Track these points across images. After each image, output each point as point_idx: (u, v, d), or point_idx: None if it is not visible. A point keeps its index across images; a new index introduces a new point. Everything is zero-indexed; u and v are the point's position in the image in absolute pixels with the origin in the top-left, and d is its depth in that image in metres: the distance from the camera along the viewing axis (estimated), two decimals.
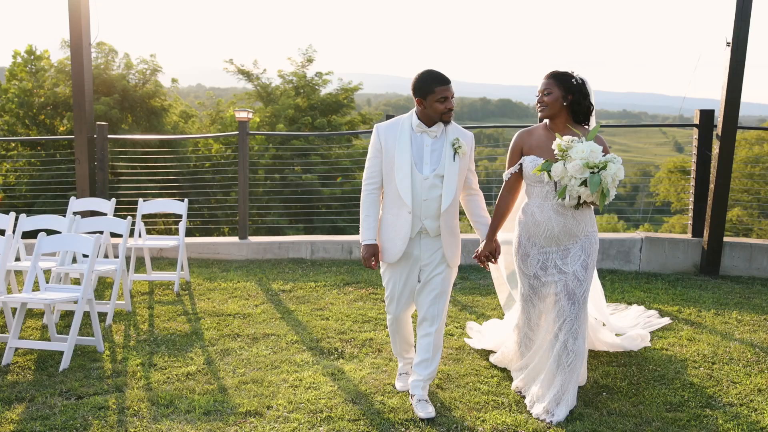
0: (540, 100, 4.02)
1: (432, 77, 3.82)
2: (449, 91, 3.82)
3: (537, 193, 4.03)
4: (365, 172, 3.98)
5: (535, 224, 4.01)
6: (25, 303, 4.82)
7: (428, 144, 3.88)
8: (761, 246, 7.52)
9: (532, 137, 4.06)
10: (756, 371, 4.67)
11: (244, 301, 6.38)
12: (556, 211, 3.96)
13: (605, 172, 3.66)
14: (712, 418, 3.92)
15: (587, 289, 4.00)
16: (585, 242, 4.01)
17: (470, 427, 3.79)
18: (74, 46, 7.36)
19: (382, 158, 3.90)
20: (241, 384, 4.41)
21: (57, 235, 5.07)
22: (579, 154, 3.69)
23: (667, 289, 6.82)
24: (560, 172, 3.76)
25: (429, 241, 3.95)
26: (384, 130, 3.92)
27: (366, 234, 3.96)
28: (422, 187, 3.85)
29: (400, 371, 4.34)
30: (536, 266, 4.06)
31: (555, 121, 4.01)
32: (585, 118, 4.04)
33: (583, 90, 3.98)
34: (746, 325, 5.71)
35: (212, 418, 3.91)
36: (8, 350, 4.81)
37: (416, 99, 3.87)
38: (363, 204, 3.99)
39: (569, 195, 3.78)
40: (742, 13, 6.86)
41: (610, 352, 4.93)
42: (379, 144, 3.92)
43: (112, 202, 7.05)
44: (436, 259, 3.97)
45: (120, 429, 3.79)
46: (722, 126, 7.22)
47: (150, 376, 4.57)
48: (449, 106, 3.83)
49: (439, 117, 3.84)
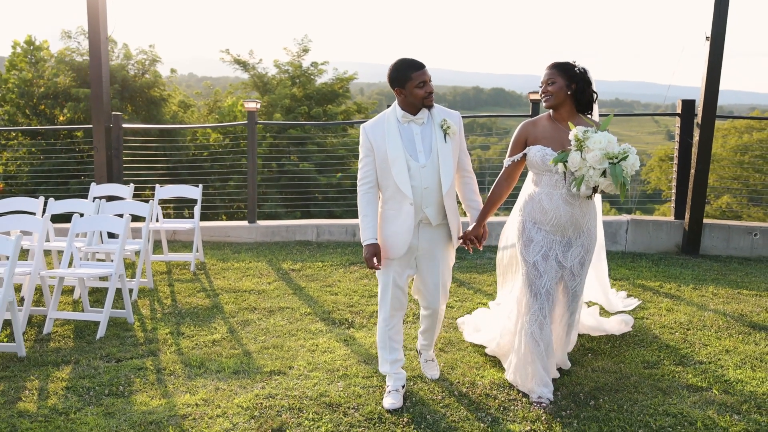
0: (544, 90, 4.02)
1: (406, 65, 3.79)
2: (426, 75, 3.78)
3: (546, 181, 4.00)
4: (359, 173, 3.94)
5: (543, 212, 4.00)
6: (63, 277, 5.28)
7: (417, 132, 3.86)
8: (738, 227, 8.05)
9: (537, 128, 4.07)
10: (726, 336, 5.19)
11: (257, 279, 6.85)
12: (565, 200, 3.94)
13: (625, 163, 3.63)
14: (684, 373, 4.43)
15: (581, 282, 4.11)
16: (586, 239, 4.06)
17: (470, 381, 4.28)
18: (92, 39, 7.78)
19: (374, 157, 3.86)
20: (263, 349, 4.90)
21: (91, 216, 5.53)
22: (597, 145, 3.65)
23: (651, 267, 7.34)
24: (578, 162, 3.71)
25: (428, 230, 3.95)
26: (371, 129, 3.89)
27: (366, 234, 3.89)
28: (420, 176, 3.83)
29: (389, 388, 4.06)
30: (538, 254, 4.03)
31: (559, 111, 4.02)
32: (588, 107, 4.06)
33: (586, 78, 3.99)
34: (721, 298, 6.23)
35: (241, 377, 4.39)
36: (48, 321, 5.28)
37: (395, 90, 3.83)
38: (360, 204, 3.93)
39: (585, 185, 3.73)
40: (720, 10, 7.34)
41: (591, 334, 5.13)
42: (368, 143, 3.87)
43: (131, 188, 7.50)
44: (435, 246, 3.98)
45: (160, 386, 4.27)
46: (702, 115, 7.71)
47: (179, 342, 5.05)
48: (429, 90, 3.79)
49: (421, 103, 3.81)
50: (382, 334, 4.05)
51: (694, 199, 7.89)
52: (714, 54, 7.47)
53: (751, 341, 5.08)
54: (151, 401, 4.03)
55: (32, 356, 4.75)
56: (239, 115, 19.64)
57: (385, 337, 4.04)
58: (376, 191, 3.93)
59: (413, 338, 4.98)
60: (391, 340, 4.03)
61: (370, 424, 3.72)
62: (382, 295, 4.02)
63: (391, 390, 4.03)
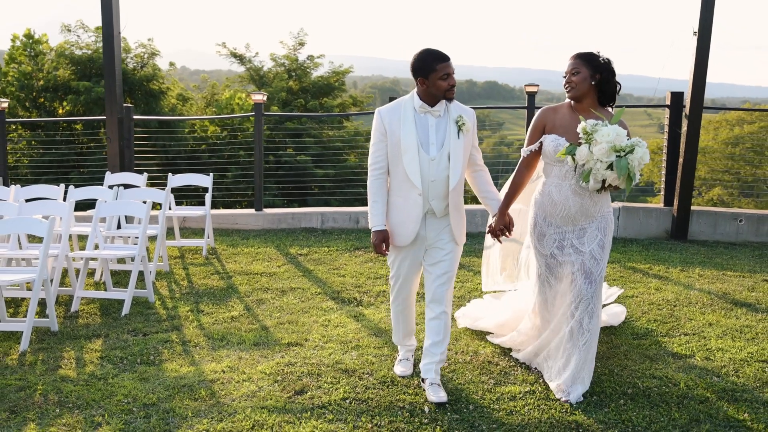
0: (568, 80, 3.94)
1: (432, 56, 3.80)
2: (450, 68, 3.80)
3: (556, 172, 3.98)
4: (370, 158, 3.94)
5: (552, 204, 3.99)
6: (89, 259, 5.61)
7: (432, 124, 3.87)
8: (724, 213, 8.45)
9: (557, 115, 4.01)
10: (709, 311, 5.58)
11: (267, 262, 7.20)
12: (574, 191, 3.92)
13: (632, 156, 3.63)
14: (670, 343, 4.82)
15: (603, 268, 3.99)
16: (602, 222, 3.99)
17: (473, 351, 4.65)
18: (106, 35, 8.08)
19: (387, 142, 3.87)
20: (278, 324, 5.25)
21: (114, 201, 5.87)
22: (605, 138, 3.64)
23: (641, 252, 7.72)
24: (585, 155, 3.70)
25: (435, 221, 3.96)
26: (387, 113, 3.89)
27: (375, 220, 3.92)
28: (430, 167, 3.85)
29: (400, 357, 4.32)
30: (553, 246, 4.02)
31: (582, 103, 3.96)
32: (611, 98, 3.98)
33: (610, 68, 3.91)
34: (706, 279, 6.62)
35: (261, 348, 4.75)
36: (75, 299, 5.62)
37: (418, 79, 3.83)
38: (370, 189, 3.94)
39: (593, 179, 3.74)
40: (707, 5, 7.71)
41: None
42: (382, 128, 3.88)
43: (144, 176, 7.83)
44: (443, 239, 3.98)
45: (187, 356, 4.62)
46: (689, 107, 8.09)
47: (200, 319, 5.40)
48: (452, 83, 3.82)
49: (442, 94, 3.83)
50: (395, 313, 4.24)
51: (682, 187, 8.27)
52: (701, 48, 7.85)
53: (733, 316, 5.47)
54: (180, 368, 4.38)
55: (64, 331, 5.09)
56: (236, 108, 19.94)
57: (398, 314, 4.22)
58: (387, 177, 3.96)
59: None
60: (403, 314, 4.21)
61: (383, 387, 4.08)
62: (394, 284, 4.13)
63: (402, 359, 4.29)
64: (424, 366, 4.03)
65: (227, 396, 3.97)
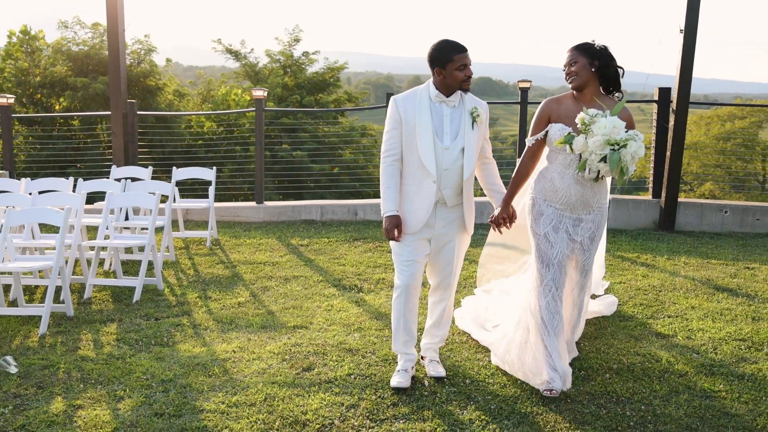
0: (568, 72, 4.01)
1: (450, 46, 3.85)
2: (467, 59, 3.85)
3: (560, 160, 4.01)
4: (384, 145, 3.97)
5: (554, 190, 4.03)
6: (100, 248, 5.86)
7: (447, 114, 3.91)
8: (710, 205, 8.76)
9: (561, 106, 4.07)
10: (693, 296, 5.88)
11: (269, 252, 7.46)
12: (577, 180, 3.96)
13: (625, 150, 3.66)
14: (654, 324, 5.11)
15: (591, 256, 4.12)
16: (597, 215, 4.08)
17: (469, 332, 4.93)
18: (110, 31, 8.32)
19: (402, 130, 3.91)
20: (284, 309, 5.52)
21: (123, 193, 6.12)
22: (601, 130, 3.67)
23: (630, 241, 8.02)
24: (581, 146, 3.76)
25: (444, 211, 3.99)
26: (402, 101, 3.93)
27: (388, 205, 3.92)
28: (443, 157, 3.89)
29: (399, 368, 4.11)
30: (548, 226, 4.05)
31: (584, 92, 4.01)
32: (615, 84, 4.03)
33: (607, 53, 3.96)
34: (691, 266, 6.92)
35: (268, 330, 5.01)
36: (88, 286, 5.87)
37: (435, 69, 3.87)
38: (383, 176, 3.96)
39: (589, 169, 3.81)
40: (693, 4, 8.00)
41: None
42: (398, 116, 3.91)
43: (149, 170, 8.07)
44: (451, 229, 4.02)
45: (198, 338, 4.89)
46: (677, 102, 8.39)
47: (208, 305, 5.66)
48: (469, 74, 3.86)
49: (459, 85, 3.87)
50: (396, 312, 4.05)
51: (669, 179, 8.57)
52: (687, 45, 8.13)
53: (715, 300, 5.77)
54: (193, 349, 4.65)
55: (80, 316, 5.34)
56: (233, 104, 20.14)
57: (399, 316, 4.04)
58: (400, 164, 3.96)
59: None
60: (404, 319, 4.04)
61: (386, 364, 4.35)
62: (398, 272, 4.03)
63: (400, 369, 4.08)
64: (424, 345, 4.25)
65: (239, 373, 4.24)
